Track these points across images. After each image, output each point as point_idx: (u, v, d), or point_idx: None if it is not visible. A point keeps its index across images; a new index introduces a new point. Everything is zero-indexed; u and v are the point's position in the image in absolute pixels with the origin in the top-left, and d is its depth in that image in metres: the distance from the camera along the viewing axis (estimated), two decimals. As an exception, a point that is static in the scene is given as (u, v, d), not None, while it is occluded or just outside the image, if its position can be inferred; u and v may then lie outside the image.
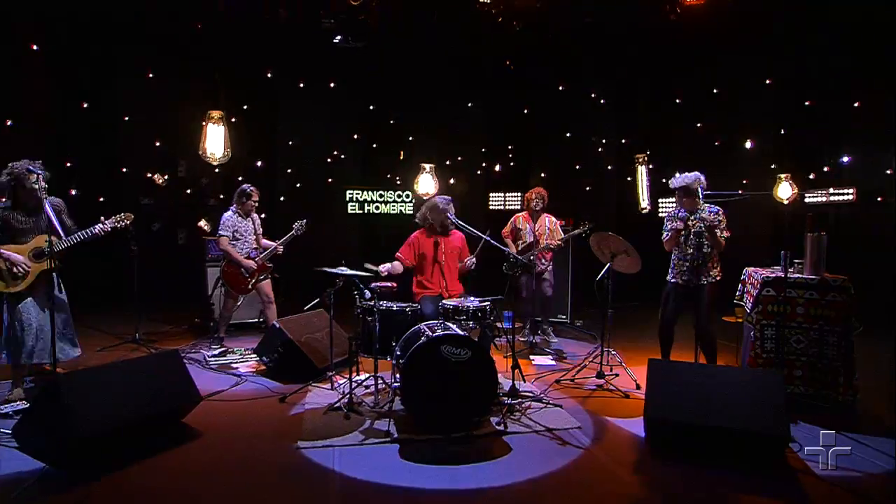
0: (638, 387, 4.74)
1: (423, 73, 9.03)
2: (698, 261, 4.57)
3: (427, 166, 8.39)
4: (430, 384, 3.61)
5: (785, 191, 7.65)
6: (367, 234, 9.66)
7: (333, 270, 4.24)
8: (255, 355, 5.34)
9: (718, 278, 4.68)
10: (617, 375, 4.90)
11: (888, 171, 6.99)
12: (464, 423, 3.68)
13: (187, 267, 7.56)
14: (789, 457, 3.45)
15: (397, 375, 3.92)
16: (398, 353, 4.01)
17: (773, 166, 8.03)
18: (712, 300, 4.62)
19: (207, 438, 3.66)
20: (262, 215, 6.14)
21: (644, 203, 8.96)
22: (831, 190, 7.78)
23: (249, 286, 5.79)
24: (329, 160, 9.48)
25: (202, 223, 8.09)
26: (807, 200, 7.97)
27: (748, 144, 7.80)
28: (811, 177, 7.96)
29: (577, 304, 7.41)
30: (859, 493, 3.09)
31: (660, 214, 10.07)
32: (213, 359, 5.41)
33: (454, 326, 4.00)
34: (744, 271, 5.08)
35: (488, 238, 4.49)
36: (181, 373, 3.86)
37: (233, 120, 7.59)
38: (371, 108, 9.50)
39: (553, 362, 5.64)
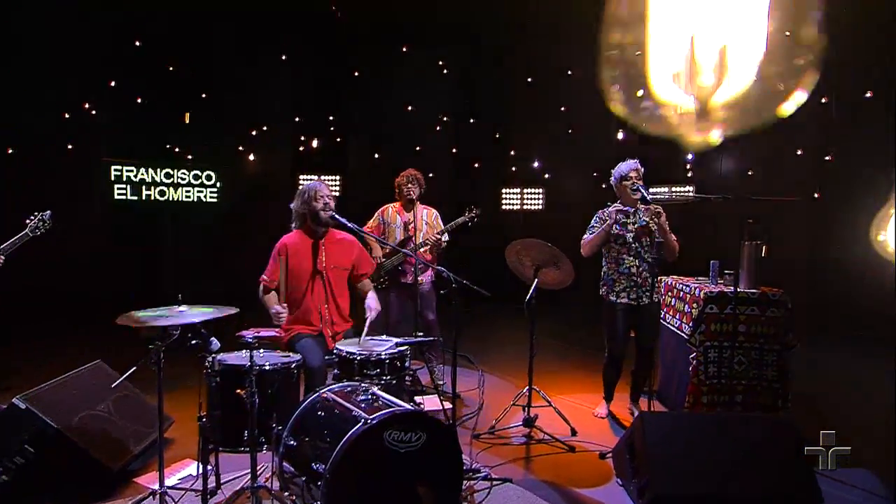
0: (574, 432, 3.83)
1: (217, 9, 6.73)
2: (644, 274, 3.83)
3: None
4: (372, 494, 2.08)
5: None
6: (149, 233, 6.83)
7: (167, 313, 2.34)
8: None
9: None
10: (537, 416, 3.90)
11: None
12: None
13: None
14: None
15: (302, 482, 2.25)
16: (290, 442, 2.34)
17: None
18: (658, 322, 3.95)
19: None
20: None
21: None
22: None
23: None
24: (67, 115, 6.32)
25: None
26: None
27: (620, 136, 7.11)
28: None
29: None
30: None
31: (503, 206, 8.89)
32: None
33: (378, 390, 2.50)
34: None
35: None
36: None
37: None
38: (138, 44, 6.61)
39: (448, 405, 4.40)
